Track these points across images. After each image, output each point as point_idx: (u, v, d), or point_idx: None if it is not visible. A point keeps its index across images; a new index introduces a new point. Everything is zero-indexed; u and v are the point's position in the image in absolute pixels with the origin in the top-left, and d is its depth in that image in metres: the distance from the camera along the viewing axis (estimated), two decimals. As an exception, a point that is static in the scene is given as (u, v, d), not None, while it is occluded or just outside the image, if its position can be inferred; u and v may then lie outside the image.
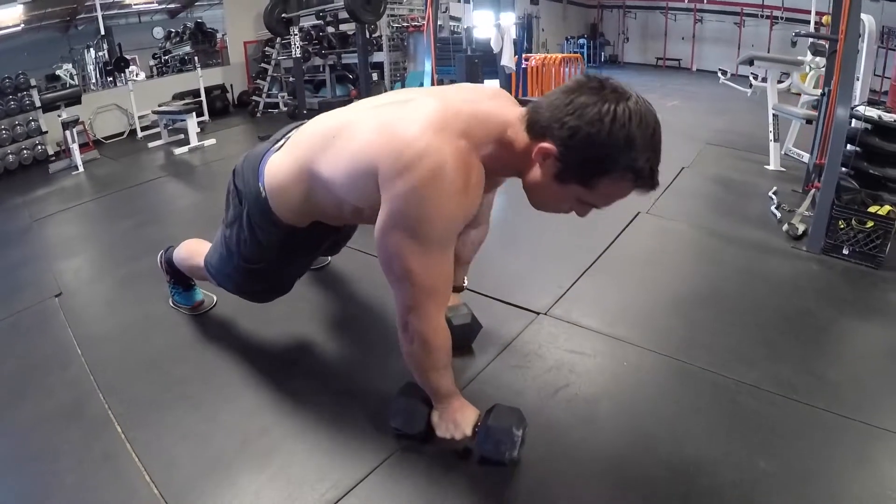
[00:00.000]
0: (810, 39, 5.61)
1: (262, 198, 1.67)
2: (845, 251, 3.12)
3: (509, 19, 5.61)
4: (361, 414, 1.88)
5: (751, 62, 5.48)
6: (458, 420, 1.62)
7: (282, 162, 1.65)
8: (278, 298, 2.09)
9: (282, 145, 1.72)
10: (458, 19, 6.11)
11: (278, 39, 7.08)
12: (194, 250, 2.25)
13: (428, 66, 4.75)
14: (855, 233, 3.08)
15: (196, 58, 6.90)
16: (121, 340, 2.40)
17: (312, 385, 2.05)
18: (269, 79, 7.41)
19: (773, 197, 3.92)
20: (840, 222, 3.12)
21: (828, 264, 3.09)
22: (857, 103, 3.91)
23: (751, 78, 5.97)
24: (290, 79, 7.42)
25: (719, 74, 6.62)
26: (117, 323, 2.56)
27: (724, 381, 2.07)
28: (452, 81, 5.39)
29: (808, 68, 5.85)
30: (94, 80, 7.60)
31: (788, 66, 5.75)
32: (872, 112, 3.70)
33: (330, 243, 2.09)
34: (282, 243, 1.78)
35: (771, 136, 5.13)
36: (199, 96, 6.82)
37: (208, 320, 2.48)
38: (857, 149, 3.64)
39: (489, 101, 1.44)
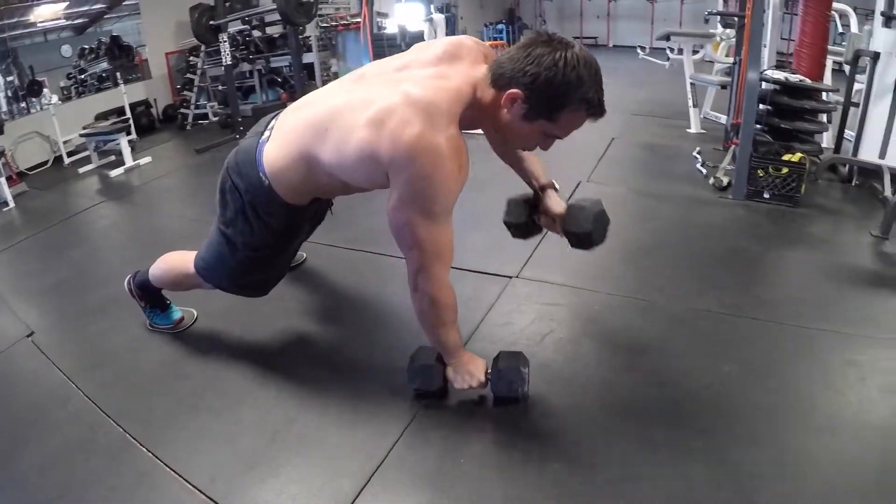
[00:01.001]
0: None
1: (266, 184, 1.86)
2: (766, 195, 3.78)
3: (439, 14, 6.02)
4: (376, 387, 2.16)
5: (667, 37, 6.11)
6: (472, 370, 1.95)
7: (278, 150, 1.85)
8: (260, 299, 2.31)
9: (269, 136, 1.91)
10: (384, 15, 6.41)
11: (203, 47, 7.15)
12: (175, 262, 2.34)
13: (366, 62, 5.07)
14: (773, 179, 3.72)
15: (118, 74, 6.85)
16: (114, 366, 2.41)
17: (322, 371, 2.29)
18: (195, 89, 7.44)
19: (698, 156, 4.53)
20: (759, 171, 3.76)
21: (752, 208, 3.75)
22: (765, 68, 4.53)
23: (668, 51, 6.56)
24: (219, 87, 7.51)
25: (638, 51, 7.23)
26: (104, 351, 2.53)
27: (681, 311, 2.62)
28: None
29: (719, 39, 6.53)
30: (4, 109, 7.46)
31: (702, 38, 6.41)
32: (780, 74, 4.33)
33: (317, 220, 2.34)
34: (287, 221, 1.99)
35: (690, 103, 5.80)
36: (125, 114, 6.65)
37: (196, 333, 2.58)
38: (769, 107, 4.27)
39: (456, 65, 1.74)
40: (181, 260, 2.31)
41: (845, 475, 1.76)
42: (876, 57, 4.26)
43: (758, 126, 4.19)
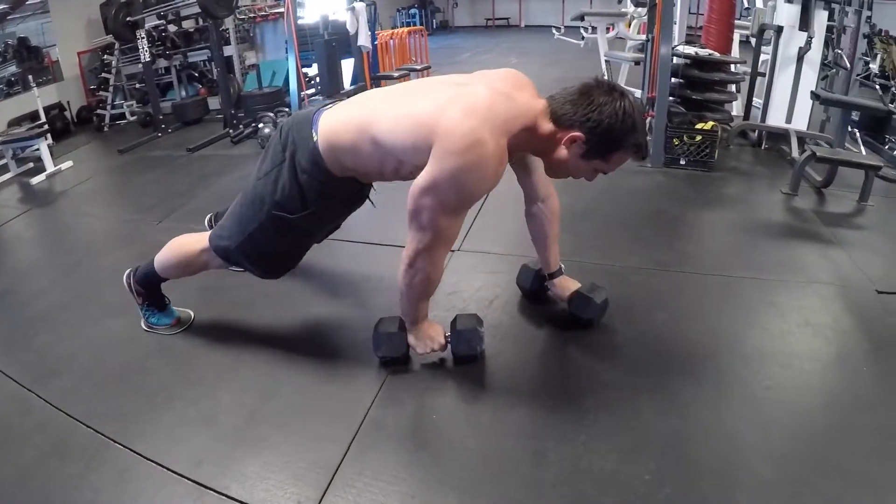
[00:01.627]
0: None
1: (314, 142, 1.93)
2: (682, 162, 4.19)
3: (361, 2, 6.14)
4: (345, 360, 2.32)
5: (581, 18, 6.45)
6: (432, 334, 2.16)
7: (336, 115, 1.95)
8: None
9: (331, 105, 2.04)
10: (300, 4, 6.47)
11: (117, 45, 7.02)
12: (184, 242, 2.34)
13: (292, 55, 5.16)
14: (688, 146, 4.12)
15: (29, 77, 6.66)
16: (73, 371, 2.36)
17: (291, 352, 2.38)
18: (111, 89, 7.30)
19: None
20: (675, 140, 4.16)
21: (670, 174, 4.17)
22: (676, 44, 4.89)
23: (582, 31, 6.90)
24: (137, 86, 7.41)
25: (553, 31, 7.54)
26: (59, 357, 2.47)
27: (614, 268, 2.94)
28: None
29: (632, 17, 6.91)
30: None
31: (615, 17, 6.78)
32: (690, 49, 4.73)
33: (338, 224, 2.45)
34: (320, 189, 2.00)
35: (605, 78, 6.11)
36: (39, 118, 6.47)
37: (156, 331, 2.57)
38: (681, 80, 4.65)
39: (520, 92, 1.89)
40: (190, 240, 2.33)
41: (773, 396, 2.09)
42: (779, 30, 4.70)
43: (671, 98, 4.59)
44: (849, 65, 5.23)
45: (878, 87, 6.36)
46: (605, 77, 6.06)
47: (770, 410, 2.03)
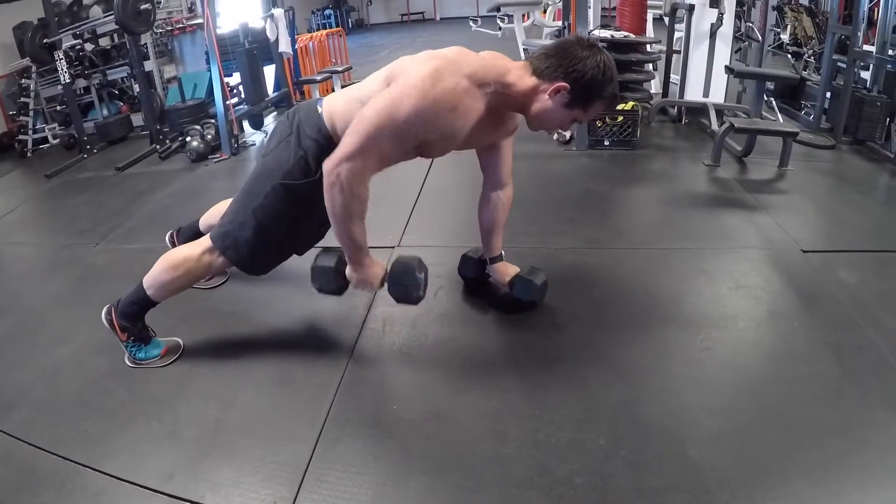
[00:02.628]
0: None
1: (318, 111, 2.07)
2: (606, 143, 4.38)
3: (279, 9, 6.13)
4: (301, 359, 2.35)
5: (498, 9, 6.60)
6: (369, 275, 2.17)
7: (339, 94, 2.14)
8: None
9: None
10: (218, 15, 6.38)
11: (34, 68, 6.78)
12: (178, 255, 2.27)
13: (214, 66, 5.10)
14: (610, 127, 4.31)
15: None
16: (31, 402, 2.30)
17: (246, 358, 2.39)
18: (31, 113, 7.04)
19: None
20: (597, 122, 4.32)
21: (596, 156, 4.35)
22: (592, 28, 5.07)
23: (498, 21, 7.04)
24: (58, 108, 7.17)
25: (471, 23, 7.65)
26: (12, 388, 2.40)
27: (549, 251, 3.05)
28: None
29: (547, 4, 7.10)
30: None
31: (530, 6, 6.94)
32: (606, 33, 4.89)
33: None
34: (323, 152, 1.98)
35: (524, 66, 6.29)
36: None
37: (110, 349, 2.48)
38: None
39: (495, 58, 2.04)
40: (185, 249, 2.29)
41: (713, 356, 2.25)
42: (691, 9, 4.92)
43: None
44: (760, 37, 5.53)
45: (789, 55, 6.70)
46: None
47: (711, 369, 2.18)
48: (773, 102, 5.54)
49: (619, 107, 4.38)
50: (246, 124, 6.01)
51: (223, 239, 2.19)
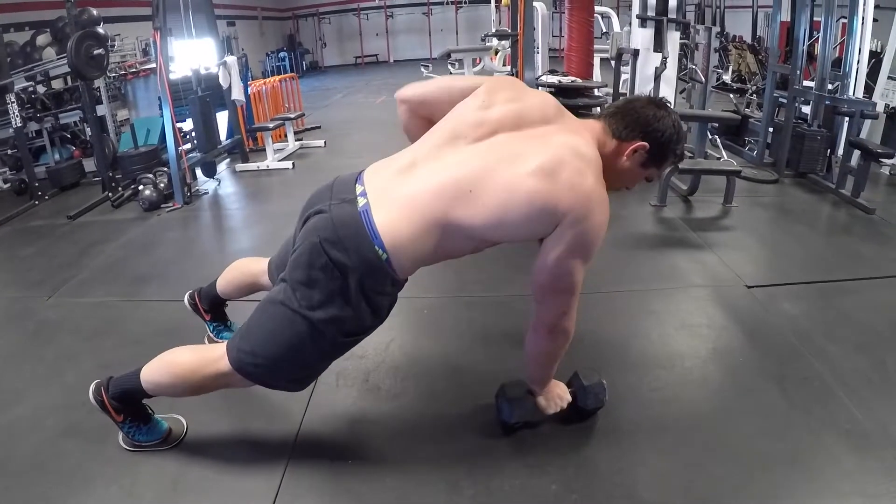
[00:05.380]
0: (495, 28, 7.10)
1: (384, 259, 1.70)
2: None
3: (232, 56, 6.20)
4: (256, 417, 2.34)
5: (448, 55, 6.79)
6: (560, 393, 2.19)
7: (400, 219, 1.71)
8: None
9: (369, 203, 1.75)
10: (171, 59, 6.39)
11: None
12: (189, 362, 2.01)
13: (167, 112, 5.12)
14: None
15: None
16: None
17: (201, 416, 2.32)
18: None
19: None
20: None
21: None
22: (540, 73, 5.28)
23: (449, 67, 7.23)
24: (9, 151, 7.06)
25: (422, 69, 7.82)
26: None
27: (500, 298, 3.17)
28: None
29: (496, 50, 7.32)
30: None
31: (480, 52, 7.17)
32: (553, 78, 5.09)
33: None
34: (392, 300, 1.89)
35: (476, 112, 6.46)
36: None
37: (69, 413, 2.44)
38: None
39: (573, 120, 1.90)
40: (196, 360, 2.00)
41: (660, 396, 2.37)
42: (636, 53, 5.15)
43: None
44: (703, 78, 5.78)
45: (731, 95, 6.99)
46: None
47: (659, 409, 2.29)
48: (718, 140, 5.78)
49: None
50: (200, 172, 5.99)
51: (262, 381, 1.94)
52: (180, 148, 5.26)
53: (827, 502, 1.89)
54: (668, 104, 1.98)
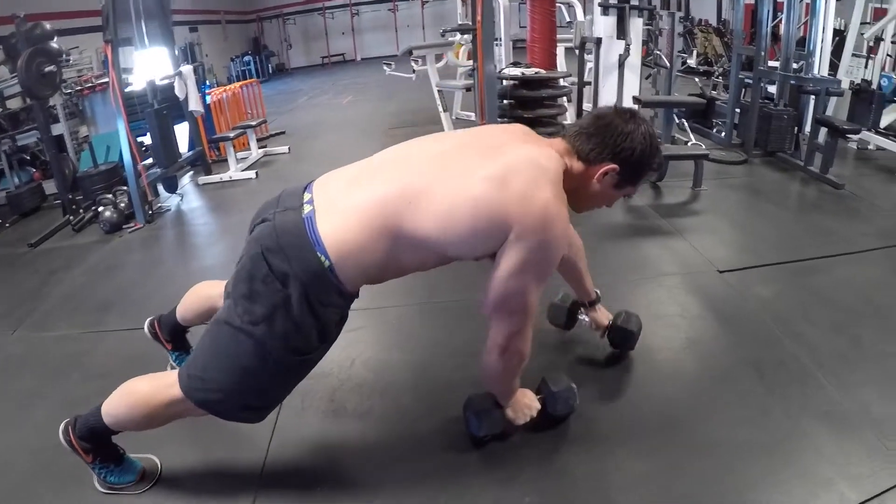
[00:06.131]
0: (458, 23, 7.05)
1: (326, 267, 1.62)
2: None
3: (188, 66, 6.06)
4: (222, 448, 2.24)
5: (410, 53, 6.72)
6: (528, 403, 2.10)
7: (345, 226, 1.64)
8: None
9: (314, 210, 1.68)
10: (129, 70, 6.20)
11: None
12: (143, 391, 1.90)
13: (121, 126, 4.96)
14: None
15: None
16: None
17: (171, 448, 2.23)
18: None
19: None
20: None
21: None
22: (503, 66, 5.23)
23: (413, 64, 7.14)
24: None
25: (385, 68, 7.73)
26: None
27: (466, 303, 3.01)
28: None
29: (459, 44, 7.27)
30: None
31: (443, 47, 7.11)
32: (516, 70, 5.04)
33: None
34: (341, 313, 1.81)
35: (440, 108, 6.49)
36: None
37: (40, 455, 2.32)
38: (511, 101, 4.96)
39: (534, 138, 1.84)
40: (151, 388, 1.90)
41: (635, 392, 2.35)
42: (599, 42, 5.13)
43: (504, 120, 4.88)
44: (668, 63, 5.77)
45: (697, 80, 7.00)
46: (440, 106, 6.51)
47: (634, 407, 2.25)
48: (685, 123, 5.78)
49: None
50: (161, 188, 5.84)
51: (212, 407, 1.83)
52: (139, 165, 5.11)
53: (810, 489, 1.86)
54: (635, 111, 1.85)
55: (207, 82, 15.39)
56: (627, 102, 5.01)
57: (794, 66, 5.28)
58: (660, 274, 3.19)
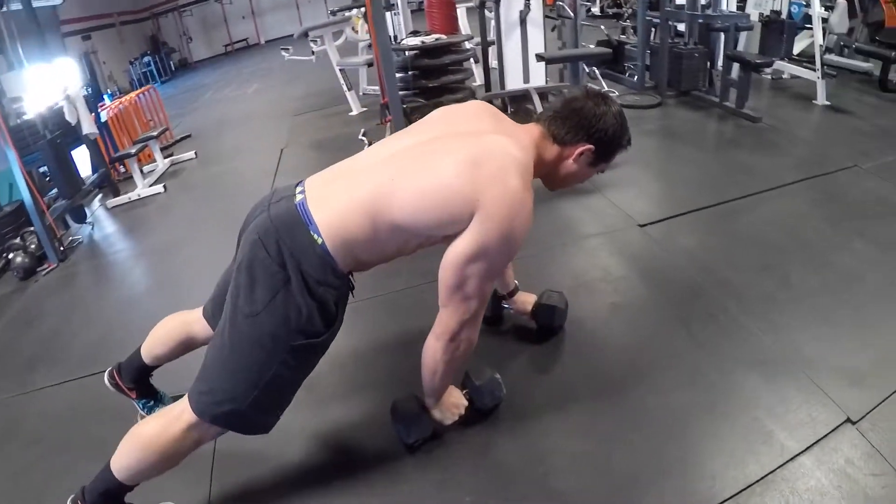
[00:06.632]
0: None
1: (320, 244, 1.69)
2: None
3: (75, 86, 5.63)
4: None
5: (306, 34, 6.48)
6: (454, 402, 2.08)
7: (335, 202, 1.73)
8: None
9: (305, 198, 1.76)
10: (19, 99, 5.76)
11: None
12: (152, 435, 1.84)
13: (14, 164, 4.59)
14: None
15: None
16: None
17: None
18: None
19: (364, 138, 4.85)
20: None
21: None
22: (403, 37, 5.05)
23: (311, 45, 6.90)
24: None
25: (283, 53, 7.48)
26: None
27: (388, 296, 2.93)
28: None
29: (358, 16, 7.04)
30: None
31: (340, 24, 6.87)
32: (416, 40, 4.86)
33: None
34: (338, 294, 1.80)
35: (344, 87, 6.31)
36: None
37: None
38: (415, 72, 4.78)
39: (506, 123, 1.91)
40: (159, 425, 1.84)
41: (564, 369, 2.27)
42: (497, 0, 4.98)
43: (409, 92, 4.71)
44: (572, 13, 5.66)
45: (602, 26, 6.92)
46: (344, 85, 6.31)
47: (564, 386, 2.17)
48: (596, 71, 5.72)
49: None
50: (70, 220, 5.46)
51: (226, 419, 1.79)
52: (41, 202, 4.73)
53: (750, 445, 1.85)
54: (603, 92, 1.94)
55: (108, 91, 14.90)
56: (532, 59, 4.89)
57: (703, 2, 5.27)
58: (581, 237, 3.10)
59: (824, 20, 5.00)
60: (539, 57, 4.42)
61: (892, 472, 1.79)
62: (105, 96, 15.40)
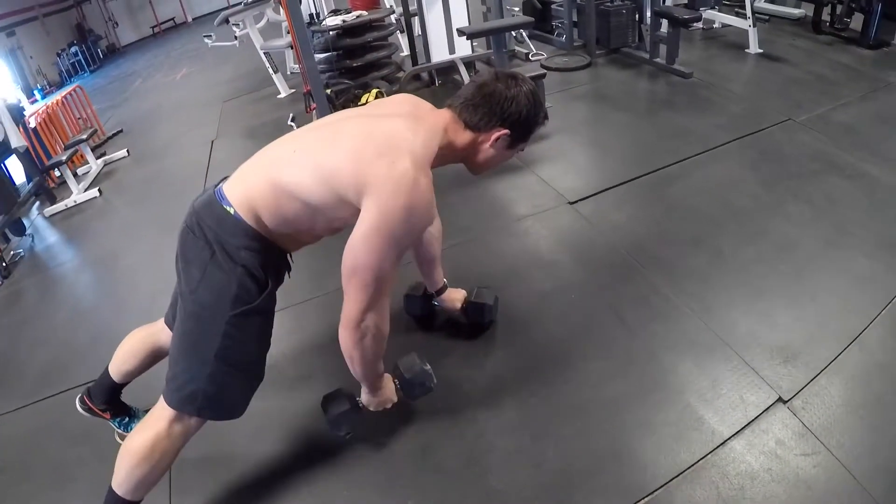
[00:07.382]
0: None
1: (231, 215, 1.76)
2: None
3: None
4: None
5: (227, 20, 6.26)
6: (387, 393, 2.07)
7: (239, 183, 1.80)
8: None
9: (223, 184, 1.84)
10: None
11: None
12: (141, 443, 1.87)
13: None
14: None
15: None
16: None
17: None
18: None
19: (293, 124, 4.68)
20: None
21: None
22: (325, 17, 4.87)
23: (234, 29, 6.67)
24: None
25: (206, 41, 7.22)
26: None
27: (328, 297, 2.76)
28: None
29: (278, -1, 6.82)
30: None
31: (258, 6, 6.61)
32: (337, 19, 4.69)
33: None
34: (262, 258, 1.81)
35: (270, 70, 6.12)
36: None
37: None
38: (338, 52, 4.63)
39: (421, 110, 1.90)
40: (143, 430, 1.88)
41: (495, 366, 2.24)
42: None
43: (334, 73, 4.56)
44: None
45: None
46: (270, 69, 6.12)
47: (496, 381, 2.16)
48: (523, 34, 5.61)
49: (362, 100, 4.23)
50: (9, 234, 5.22)
51: (192, 401, 1.84)
52: None
53: (681, 433, 1.87)
54: (514, 72, 1.91)
55: (38, 86, 14.34)
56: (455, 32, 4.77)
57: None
58: (511, 220, 3.02)
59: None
60: (460, 32, 4.29)
61: (823, 450, 1.80)
62: (35, 91, 14.90)
